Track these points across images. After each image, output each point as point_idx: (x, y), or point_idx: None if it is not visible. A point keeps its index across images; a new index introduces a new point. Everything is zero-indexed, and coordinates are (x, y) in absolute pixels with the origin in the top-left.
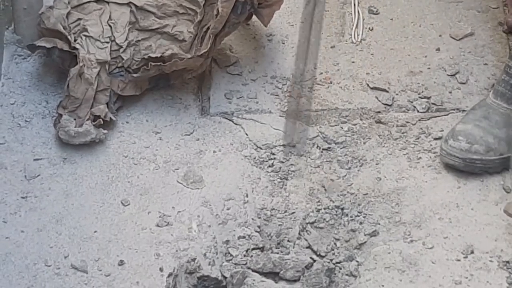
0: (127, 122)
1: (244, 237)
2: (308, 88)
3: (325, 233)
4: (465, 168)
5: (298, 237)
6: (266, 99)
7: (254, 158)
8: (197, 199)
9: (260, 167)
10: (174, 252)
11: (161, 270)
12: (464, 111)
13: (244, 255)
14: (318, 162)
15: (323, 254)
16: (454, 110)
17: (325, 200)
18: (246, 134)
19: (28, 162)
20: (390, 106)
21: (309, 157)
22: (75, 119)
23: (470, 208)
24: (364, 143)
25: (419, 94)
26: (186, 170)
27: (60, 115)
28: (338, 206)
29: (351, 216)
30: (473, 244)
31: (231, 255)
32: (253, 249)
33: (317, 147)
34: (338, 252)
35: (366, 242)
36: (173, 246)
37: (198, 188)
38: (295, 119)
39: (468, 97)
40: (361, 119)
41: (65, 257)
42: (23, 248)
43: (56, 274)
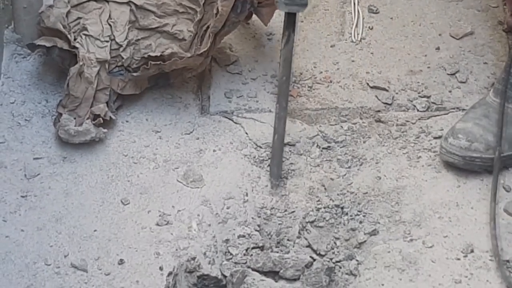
0: (127, 121)
1: (244, 236)
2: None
3: (325, 232)
4: (464, 166)
5: (298, 236)
6: (266, 98)
7: (254, 157)
8: (197, 198)
9: (260, 166)
10: (174, 251)
11: (161, 269)
12: (464, 110)
13: (244, 254)
14: (318, 161)
15: (323, 253)
16: (454, 109)
17: (325, 199)
18: (246, 133)
19: (28, 161)
20: (390, 105)
21: (309, 156)
22: (75, 118)
23: (470, 207)
24: (364, 142)
25: (419, 93)
26: (186, 169)
27: (60, 114)
28: (338, 205)
29: (351, 215)
30: (473, 243)
31: (231, 254)
32: (253, 248)
33: (317, 146)
34: (338, 251)
35: (366, 241)
36: (173, 245)
37: (198, 187)
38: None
39: (468, 96)
40: (361, 118)
41: (65, 256)
42: (23, 247)
43: (56, 273)
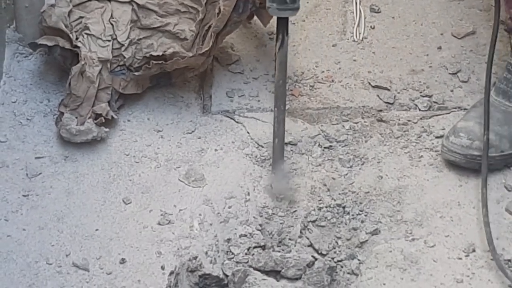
0: (128, 121)
1: (245, 235)
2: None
3: (326, 231)
4: (466, 165)
5: (300, 235)
6: (268, 98)
7: (256, 157)
8: (198, 197)
9: (261, 166)
10: (176, 250)
11: (162, 268)
12: (465, 109)
13: (246, 254)
14: (319, 161)
15: (324, 252)
16: (455, 108)
17: (326, 198)
18: (248, 133)
19: (30, 160)
20: (392, 104)
21: (310, 155)
22: (76, 118)
23: (472, 206)
24: (366, 142)
25: (421, 93)
26: (187, 168)
27: (62, 113)
28: (339, 205)
29: (353, 215)
30: (474, 242)
31: (233, 253)
32: (254, 247)
33: (318, 145)
34: (340, 251)
35: (367, 240)
36: (174, 244)
37: (200, 187)
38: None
39: (469, 95)
40: (362, 118)
41: (66, 255)
42: (25, 246)
43: (57, 272)
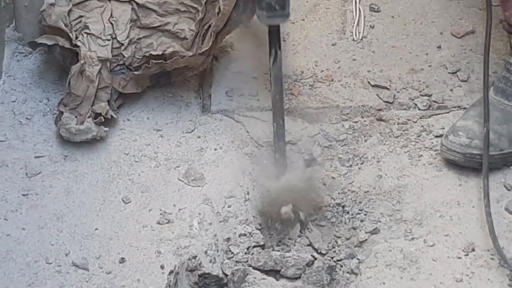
0: (128, 120)
1: (245, 234)
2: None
3: (326, 230)
4: (465, 163)
5: (299, 234)
6: (267, 97)
7: (255, 156)
8: (198, 197)
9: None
10: (175, 249)
11: (162, 267)
12: (465, 108)
13: (245, 253)
14: (319, 160)
15: (324, 251)
16: (455, 107)
17: (326, 197)
18: (247, 132)
19: (29, 160)
20: (391, 103)
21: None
22: (76, 117)
23: (471, 205)
24: (365, 141)
25: (420, 92)
26: (187, 167)
27: (61, 113)
28: (339, 204)
29: (352, 214)
30: (474, 241)
31: (232, 252)
32: (254, 246)
33: (318, 144)
34: (339, 250)
35: (367, 239)
36: (174, 244)
37: (199, 186)
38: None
39: (469, 94)
40: (362, 117)
41: (66, 254)
42: (24, 245)
43: (57, 272)
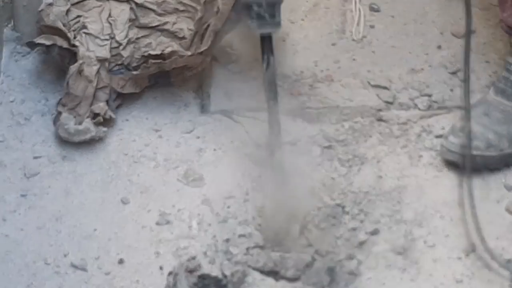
0: (127, 120)
1: (244, 235)
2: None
3: (325, 231)
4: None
5: (299, 235)
6: None
7: (255, 156)
8: (197, 197)
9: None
10: (174, 250)
11: (161, 268)
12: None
13: (245, 254)
14: (319, 160)
15: (323, 252)
16: (455, 108)
17: (325, 198)
18: (247, 132)
19: (28, 160)
20: (391, 104)
21: (309, 155)
22: (74, 117)
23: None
24: (365, 141)
25: (420, 92)
26: (186, 168)
27: (60, 113)
28: (339, 205)
29: (352, 215)
30: (474, 242)
31: (232, 253)
32: (253, 247)
33: (318, 145)
34: (339, 251)
35: (367, 240)
36: (173, 245)
37: (198, 186)
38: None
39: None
40: (362, 117)
41: (64, 255)
42: (23, 246)
43: (55, 273)
